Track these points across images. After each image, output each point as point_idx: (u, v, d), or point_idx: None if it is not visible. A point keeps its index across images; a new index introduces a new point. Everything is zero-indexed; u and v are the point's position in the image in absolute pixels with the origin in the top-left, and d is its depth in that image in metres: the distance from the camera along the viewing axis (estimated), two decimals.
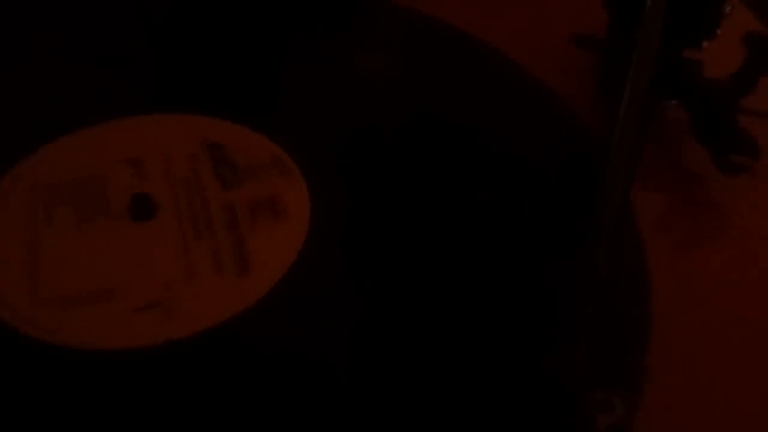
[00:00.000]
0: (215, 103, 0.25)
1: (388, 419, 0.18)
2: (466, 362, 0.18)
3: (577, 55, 0.30)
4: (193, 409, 0.18)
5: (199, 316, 0.19)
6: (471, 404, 0.17)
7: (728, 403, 0.21)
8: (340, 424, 0.18)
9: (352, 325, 0.20)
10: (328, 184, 0.22)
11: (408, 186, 0.23)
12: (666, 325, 0.21)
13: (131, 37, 0.28)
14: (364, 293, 0.20)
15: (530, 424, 0.17)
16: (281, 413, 0.18)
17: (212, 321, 0.19)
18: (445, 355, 0.19)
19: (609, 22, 0.30)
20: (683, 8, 0.28)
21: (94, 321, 0.20)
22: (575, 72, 0.29)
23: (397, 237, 0.21)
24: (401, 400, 0.18)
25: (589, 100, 0.28)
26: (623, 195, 0.23)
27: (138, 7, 0.29)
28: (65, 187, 0.22)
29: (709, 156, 0.27)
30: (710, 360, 0.21)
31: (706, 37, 0.28)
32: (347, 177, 0.23)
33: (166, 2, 0.29)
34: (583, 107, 0.27)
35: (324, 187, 0.22)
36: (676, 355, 0.21)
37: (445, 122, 0.25)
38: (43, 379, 0.19)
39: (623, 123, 0.23)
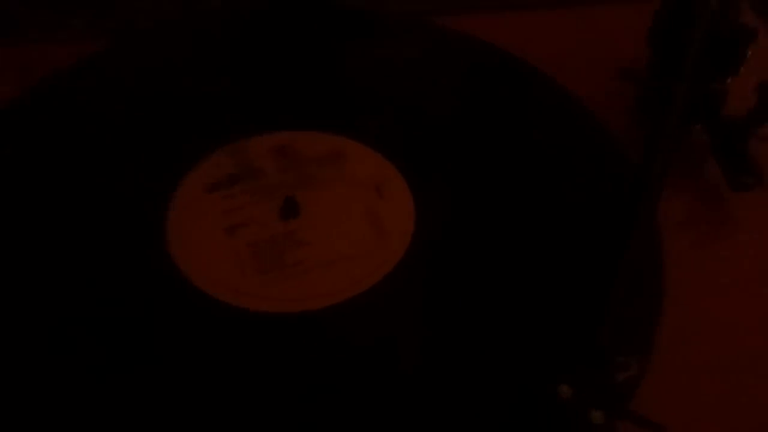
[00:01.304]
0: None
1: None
2: (543, 327, 0.26)
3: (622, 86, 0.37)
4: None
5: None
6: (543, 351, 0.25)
7: (718, 371, 0.28)
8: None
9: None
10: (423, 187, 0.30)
11: (485, 199, 0.31)
12: (678, 308, 0.28)
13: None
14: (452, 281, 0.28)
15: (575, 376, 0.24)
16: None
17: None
18: (533, 315, 0.26)
19: (650, 58, 0.37)
20: (714, 51, 0.35)
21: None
22: (621, 99, 0.36)
23: (476, 242, 0.29)
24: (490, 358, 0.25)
25: (628, 124, 0.35)
26: (652, 203, 0.30)
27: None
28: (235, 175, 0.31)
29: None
30: (711, 338, 0.29)
31: (731, 74, 0.35)
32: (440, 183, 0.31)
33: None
34: (623, 129, 0.34)
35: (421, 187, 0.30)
36: (683, 332, 0.28)
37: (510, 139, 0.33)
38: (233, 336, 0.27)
39: (657, 145, 0.31)
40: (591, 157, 0.33)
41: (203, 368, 0.25)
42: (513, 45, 0.38)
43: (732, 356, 0.28)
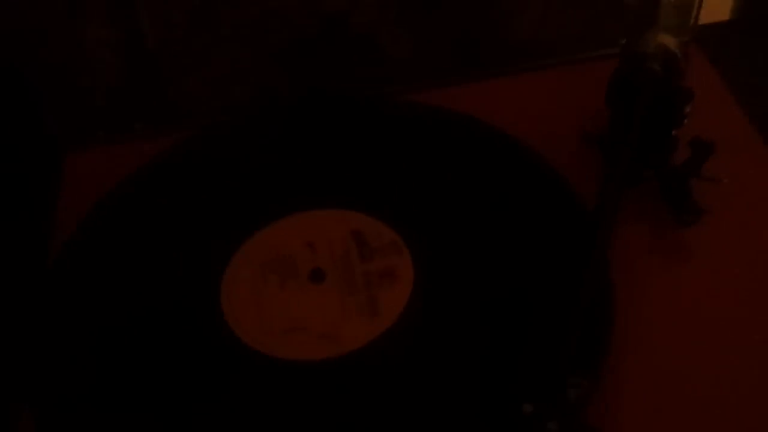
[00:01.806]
0: (356, 200, 0.40)
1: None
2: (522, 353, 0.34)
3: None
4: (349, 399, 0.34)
5: (350, 342, 0.35)
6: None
7: (666, 387, 0.35)
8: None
9: (444, 347, 0.35)
10: (427, 258, 0.38)
11: (473, 256, 0.38)
12: (627, 331, 0.36)
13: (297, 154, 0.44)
14: (450, 327, 0.36)
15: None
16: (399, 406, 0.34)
17: (358, 344, 0.35)
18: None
19: (610, 116, 0.44)
20: (660, 109, 0.42)
21: (294, 343, 0.36)
22: (585, 157, 0.43)
23: (469, 291, 0.37)
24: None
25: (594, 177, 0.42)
26: (605, 241, 0.37)
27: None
28: (271, 261, 0.39)
29: None
30: (657, 357, 0.36)
31: (675, 127, 0.42)
32: (439, 253, 0.38)
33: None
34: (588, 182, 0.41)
35: (424, 260, 0.38)
36: (631, 351, 0.35)
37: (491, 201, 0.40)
38: (264, 379, 0.35)
39: (604, 202, 0.38)
40: (556, 211, 0.40)
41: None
42: (488, 113, 0.45)
43: (675, 375, 0.35)
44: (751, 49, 0.57)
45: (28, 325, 0.38)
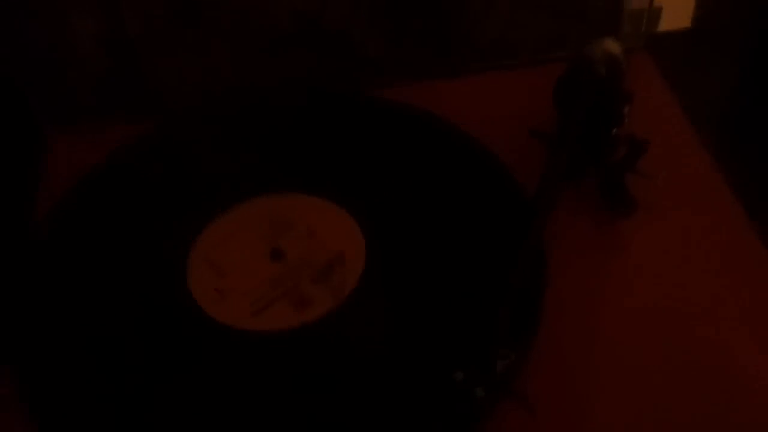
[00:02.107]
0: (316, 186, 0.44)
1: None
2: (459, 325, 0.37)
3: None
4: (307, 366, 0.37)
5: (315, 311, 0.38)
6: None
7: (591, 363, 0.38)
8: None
9: (389, 322, 0.38)
10: (378, 241, 0.41)
11: (423, 238, 0.41)
12: (557, 311, 0.39)
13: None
14: (397, 303, 0.39)
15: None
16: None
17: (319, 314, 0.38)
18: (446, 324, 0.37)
19: (557, 118, 0.47)
20: (602, 109, 0.45)
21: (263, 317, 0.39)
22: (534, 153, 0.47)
23: (416, 270, 0.40)
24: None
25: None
26: (539, 232, 0.40)
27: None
28: (235, 240, 0.42)
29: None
30: (582, 336, 0.39)
31: (615, 126, 0.45)
32: (390, 235, 0.41)
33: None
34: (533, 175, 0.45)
35: (376, 242, 0.41)
36: (560, 331, 0.38)
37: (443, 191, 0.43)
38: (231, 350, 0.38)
39: (542, 191, 0.41)
40: (500, 199, 0.43)
41: (214, 372, 0.37)
42: (450, 109, 0.48)
43: (597, 354, 0.38)
44: (704, 57, 0.61)
45: (7, 297, 0.41)
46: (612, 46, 0.46)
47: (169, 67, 0.59)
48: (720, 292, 0.41)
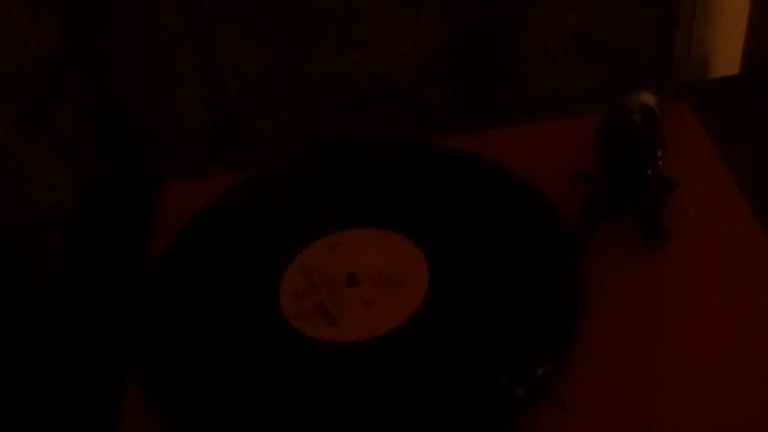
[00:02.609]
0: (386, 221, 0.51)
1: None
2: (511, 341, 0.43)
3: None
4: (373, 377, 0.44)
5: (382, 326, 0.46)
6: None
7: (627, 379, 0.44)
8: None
9: (449, 332, 0.45)
10: (439, 267, 0.48)
11: (477, 265, 0.48)
12: (593, 329, 0.44)
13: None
14: (455, 319, 0.46)
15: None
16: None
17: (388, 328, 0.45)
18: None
19: (599, 159, 0.53)
20: (640, 153, 0.51)
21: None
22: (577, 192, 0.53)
23: (471, 291, 0.47)
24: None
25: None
26: (577, 259, 0.46)
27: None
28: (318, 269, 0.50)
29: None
30: (616, 352, 0.45)
31: (650, 168, 0.51)
32: (450, 262, 0.48)
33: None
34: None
35: (438, 268, 0.48)
36: (595, 347, 0.44)
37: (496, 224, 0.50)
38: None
39: (580, 223, 0.47)
40: (545, 231, 0.50)
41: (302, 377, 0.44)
42: (504, 155, 0.55)
43: (629, 371, 0.44)
44: (747, 105, 0.66)
45: (131, 317, 0.50)
46: (647, 97, 0.52)
47: (263, 125, 0.69)
48: (745, 313, 0.45)
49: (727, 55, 0.71)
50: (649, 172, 0.51)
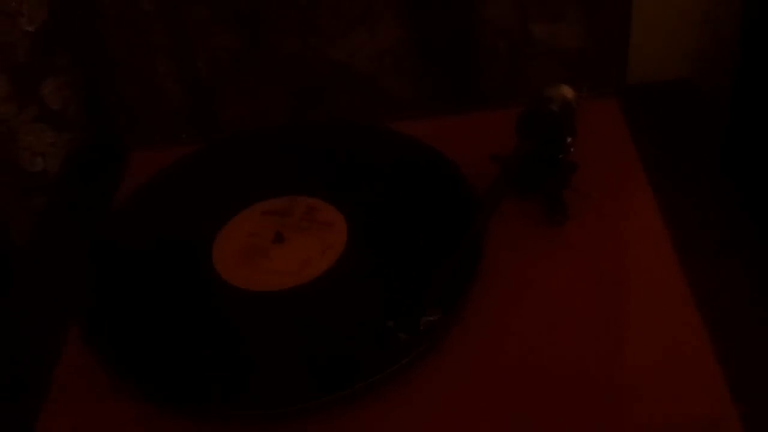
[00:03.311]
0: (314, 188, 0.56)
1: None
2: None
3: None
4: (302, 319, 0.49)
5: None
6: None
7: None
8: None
9: (358, 279, 0.50)
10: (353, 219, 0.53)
11: (391, 221, 0.53)
12: (486, 289, 0.49)
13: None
14: (364, 267, 0.50)
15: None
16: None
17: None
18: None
19: (519, 142, 0.57)
20: (549, 141, 0.55)
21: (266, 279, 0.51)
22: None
23: (381, 242, 0.52)
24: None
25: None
26: (484, 219, 0.51)
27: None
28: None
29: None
30: (505, 314, 0.49)
31: (561, 153, 0.55)
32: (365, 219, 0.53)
33: None
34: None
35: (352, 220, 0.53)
36: (488, 304, 0.49)
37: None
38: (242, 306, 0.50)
39: (488, 193, 0.52)
40: (459, 199, 0.54)
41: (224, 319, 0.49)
42: (441, 139, 0.60)
43: (513, 333, 0.48)
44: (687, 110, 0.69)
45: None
46: (566, 90, 0.57)
47: (234, 104, 0.74)
48: (626, 294, 0.50)
49: (677, 57, 0.75)
50: (560, 156, 0.56)
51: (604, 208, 0.54)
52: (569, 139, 0.55)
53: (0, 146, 0.76)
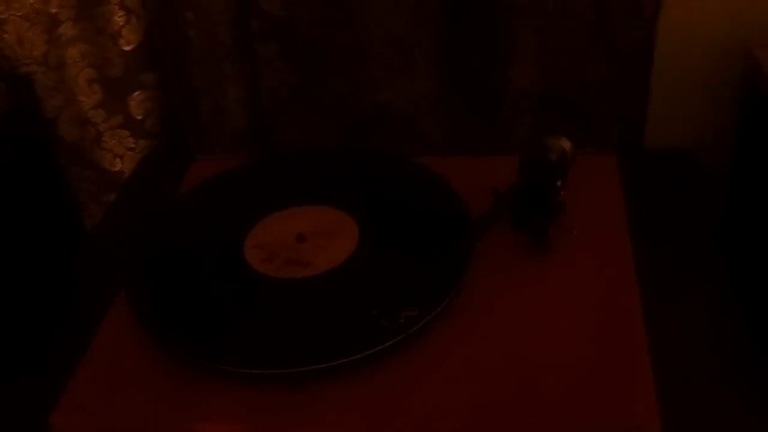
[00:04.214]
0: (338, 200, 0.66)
1: None
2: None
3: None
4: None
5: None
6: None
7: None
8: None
9: (362, 272, 0.59)
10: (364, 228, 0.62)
11: (394, 235, 0.62)
12: (467, 299, 0.57)
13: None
14: (366, 264, 0.59)
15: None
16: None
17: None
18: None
19: (517, 181, 0.65)
20: (542, 184, 0.63)
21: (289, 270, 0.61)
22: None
23: (384, 246, 0.61)
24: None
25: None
26: (470, 240, 0.59)
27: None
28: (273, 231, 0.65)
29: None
30: (485, 322, 0.57)
31: (550, 195, 0.63)
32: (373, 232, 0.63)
33: None
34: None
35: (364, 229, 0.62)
36: (466, 309, 0.57)
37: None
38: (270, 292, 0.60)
39: (478, 221, 0.60)
40: (452, 220, 0.63)
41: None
42: (455, 175, 0.69)
43: (492, 336, 0.56)
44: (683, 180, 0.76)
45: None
46: (565, 142, 0.65)
47: (289, 131, 0.85)
48: (590, 314, 0.57)
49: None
50: (550, 197, 0.64)
51: (584, 247, 0.62)
52: (559, 183, 0.63)
53: (87, 145, 0.89)
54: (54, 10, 0.80)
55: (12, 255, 0.85)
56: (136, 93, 0.86)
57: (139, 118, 0.88)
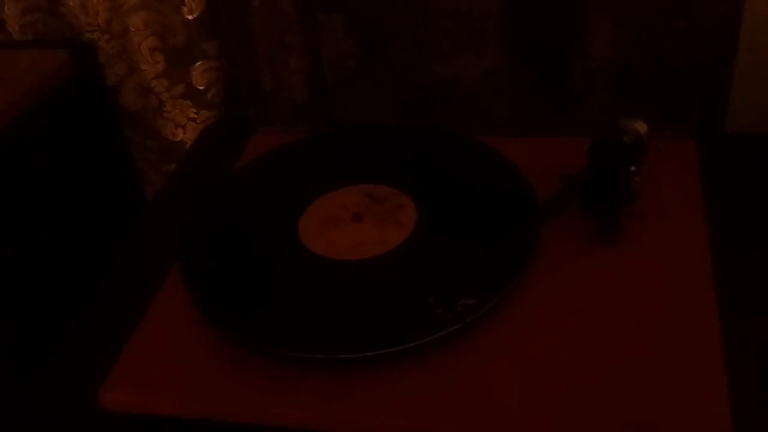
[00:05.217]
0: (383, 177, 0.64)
1: None
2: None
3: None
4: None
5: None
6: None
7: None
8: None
9: (423, 254, 0.57)
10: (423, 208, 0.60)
11: (455, 217, 0.60)
12: (531, 289, 0.54)
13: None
14: (429, 244, 0.57)
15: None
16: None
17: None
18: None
19: (587, 164, 0.62)
20: (615, 168, 0.60)
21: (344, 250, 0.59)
22: None
23: (446, 227, 0.58)
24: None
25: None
26: (534, 226, 0.56)
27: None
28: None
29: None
30: (543, 314, 0.54)
31: (623, 180, 0.60)
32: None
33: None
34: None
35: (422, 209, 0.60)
36: (524, 303, 0.54)
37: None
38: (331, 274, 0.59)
39: (543, 205, 0.57)
40: (518, 204, 0.60)
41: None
42: (522, 156, 0.66)
43: (559, 340, 0.53)
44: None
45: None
46: (640, 125, 0.61)
47: (349, 105, 0.83)
48: (659, 311, 0.53)
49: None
50: (623, 183, 0.60)
51: (656, 239, 0.58)
52: (633, 168, 0.59)
53: (149, 115, 0.89)
54: None
55: (74, 222, 0.86)
56: (199, 63, 0.85)
57: (201, 88, 0.87)
